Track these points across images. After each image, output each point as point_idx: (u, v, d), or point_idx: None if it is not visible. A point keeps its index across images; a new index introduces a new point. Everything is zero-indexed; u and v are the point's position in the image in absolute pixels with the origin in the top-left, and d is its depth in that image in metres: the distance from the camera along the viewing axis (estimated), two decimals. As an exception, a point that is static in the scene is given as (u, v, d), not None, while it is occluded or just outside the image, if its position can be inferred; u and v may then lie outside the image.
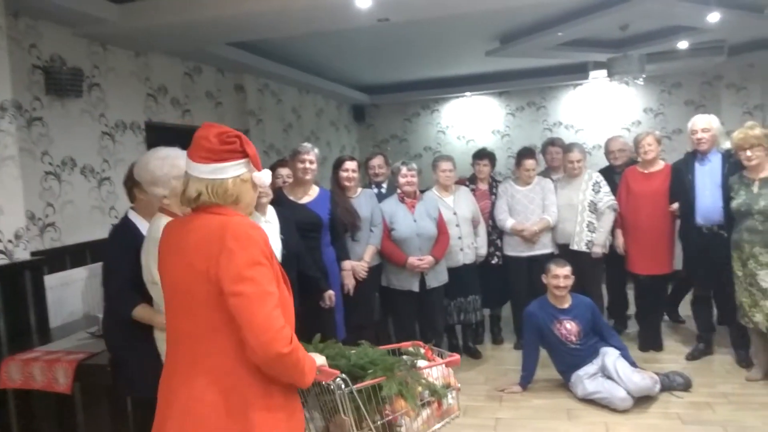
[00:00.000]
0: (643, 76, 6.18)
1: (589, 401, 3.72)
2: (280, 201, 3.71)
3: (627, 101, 8.25)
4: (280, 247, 3.36)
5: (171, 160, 2.33)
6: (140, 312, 2.42)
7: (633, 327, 4.95)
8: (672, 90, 8.04)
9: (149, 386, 2.46)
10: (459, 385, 2.19)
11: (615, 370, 3.66)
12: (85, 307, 3.67)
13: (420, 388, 2.00)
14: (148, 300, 2.39)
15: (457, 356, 2.22)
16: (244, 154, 1.65)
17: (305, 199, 3.83)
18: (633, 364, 3.79)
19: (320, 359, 1.77)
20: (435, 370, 2.10)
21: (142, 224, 2.58)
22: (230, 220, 1.58)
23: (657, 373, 3.81)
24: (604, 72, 6.56)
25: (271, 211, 3.46)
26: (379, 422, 1.90)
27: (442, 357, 2.24)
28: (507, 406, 3.79)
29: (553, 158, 5.14)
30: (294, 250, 3.43)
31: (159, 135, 4.46)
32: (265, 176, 1.70)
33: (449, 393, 2.10)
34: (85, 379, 2.80)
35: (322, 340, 2.19)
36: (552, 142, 5.30)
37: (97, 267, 3.59)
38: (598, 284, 4.70)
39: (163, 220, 2.29)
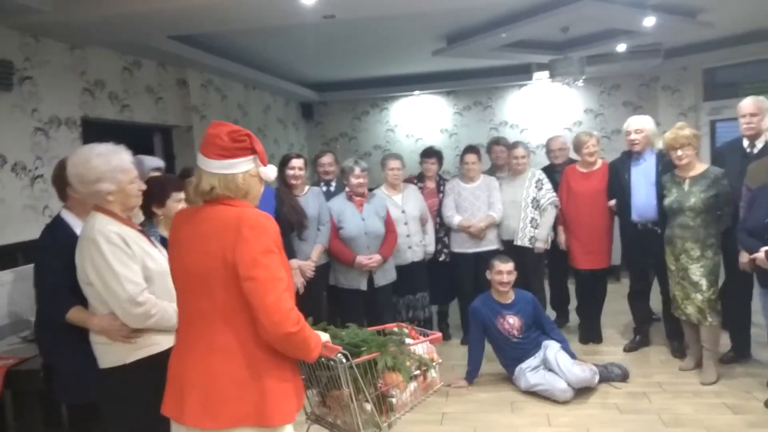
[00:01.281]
0: (584, 77, 6.38)
1: (532, 393, 3.81)
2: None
3: (569, 102, 8.50)
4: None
5: (114, 155, 2.25)
6: (75, 314, 2.32)
7: (574, 320, 5.12)
8: (611, 91, 8.33)
9: (86, 392, 2.39)
10: (440, 360, 2.42)
11: (556, 363, 3.76)
12: (15, 310, 3.49)
13: (410, 362, 2.21)
14: (83, 302, 2.30)
15: (439, 334, 2.48)
16: (253, 151, 1.81)
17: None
18: (573, 356, 3.91)
19: (325, 336, 1.96)
20: (420, 346, 2.31)
21: (76, 223, 2.48)
22: (245, 211, 1.75)
23: (596, 365, 3.94)
24: (546, 73, 6.73)
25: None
26: (373, 394, 2.10)
27: (424, 335, 2.44)
28: (453, 400, 3.84)
29: (498, 157, 5.25)
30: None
31: (96, 131, 4.30)
32: (270, 171, 1.87)
33: (434, 367, 2.33)
34: (16, 385, 2.69)
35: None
36: (497, 141, 5.41)
37: (28, 269, 3.42)
38: (540, 279, 4.83)
39: (99, 218, 2.21)
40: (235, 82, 6.75)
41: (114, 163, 2.23)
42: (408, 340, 2.32)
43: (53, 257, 2.39)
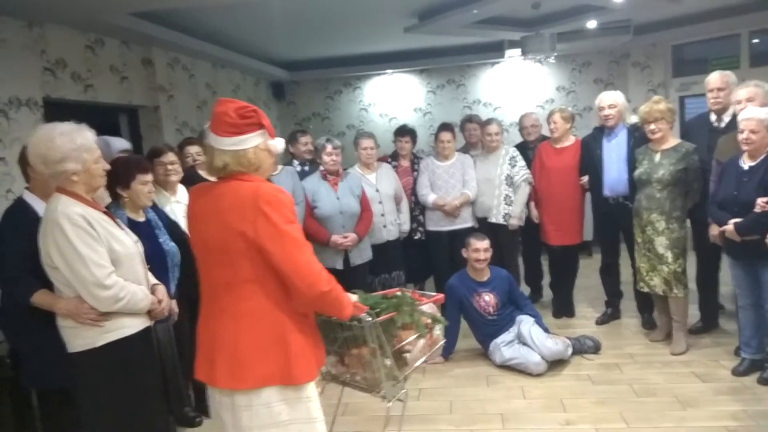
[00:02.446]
0: (555, 54, 6.39)
1: (507, 367, 3.86)
2: (193, 180, 3.56)
3: (541, 80, 8.51)
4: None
5: (78, 134, 2.17)
6: (40, 298, 2.27)
7: (548, 295, 5.19)
8: (582, 69, 8.36)
9: (55, 377, 2.34)
10: (444, 320, 2.67)
11: (530, 337, 3.81)
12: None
13: (425, 318, 2.43)
14: (48, 285, 2.23)
15: (441, 295, 2.69)
16: (261, 126, 1.87)
17: (221, 178, 3.70)
18: (547, 330, 3.96)
19: (354, 297, 2.12)
20: (425, 307, 2.53)
21: (39, 205, 2.41)
22: (260, 186, 1.82)
23: (569, 338, 4.01)
24: (518, 51, 6.72)
25: (181, 190, 3.32)
26: (391, 350, 2.32)
27: (427, 297, 2.64)
28: (430, 376, 3.87)
29: (471, 134, 5.25)
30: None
31: (59, 112, 4.15)
32: (279, 143, 1.94)
33: (438, 325, 2.57)
34: (-19, 373, 2.61)
35: None
36: (470, 119, 5.40)
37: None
38: (514, 255, 4.87)
39: (63, 200, 2.14)
40: (203, 61, 6.58)
41: (78, 142, 2.16)
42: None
43: (16, 240, 2.32)
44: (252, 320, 1.83)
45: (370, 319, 2.19)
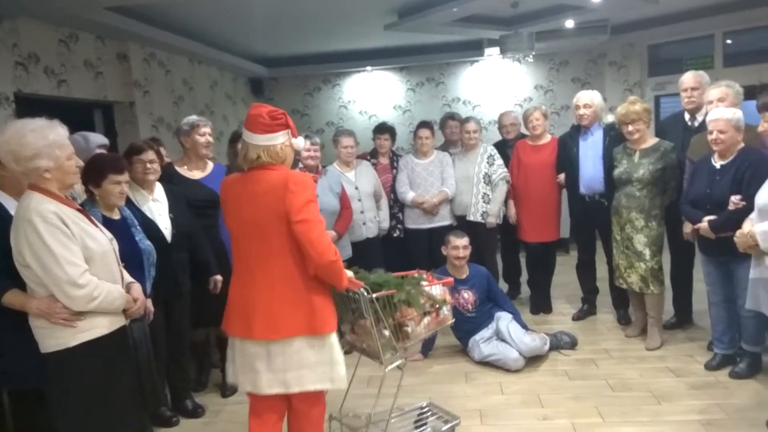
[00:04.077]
0: (533, 53, 6.43)
1: (486, 364, 3.89)
2: (171, 177, 3.52)
3: (519, 78, 8.58)
4: (170, 226, 3.20)
5: (50, 130, 2.12)
6: (12, 298, 2.22)
7: (525, 292, 5.23)
8: (560, 68, 8.44)
9: (27, 377, 2.29)
10: (452, 300, 2.92)
11: (508, 333, 3.85)
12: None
13: (422, 299, 2.67)
14: (20, 284, 2.18)
15: (451, 279, 2.96)
16: (287, 126, 2.30)
17: (199, 175, 3.66)
18: (524, 326, 4.00)
19: (350, 273, 2.45)
20: (434, 288, 2.78)
21: (9, 202, 2.35)
22: (289, 172, 2.27)
23: (546, 334, 4.05)
24: (497, 49, 6.75)
25: (159, 189, 3.27)
26: (391, 323, 2.56)
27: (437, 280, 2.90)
28: (409, 373, 3.83)
29: (453, 132, 5.26)
30: (185, 230, 3.28)
31: (32, 108, 4.06)
32: (300, 142, 2.40)
33: (445, 306, 2.81)
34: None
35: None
36: (452, 116, 5.42)
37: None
38: (493, 253, 4.90)
39: (35, 197, 2.10)
40: (179, 57, 6.50)
41: (51, 138, 2.11)
42: (424, 283, 2.76)
43: (-15, 239, 2.26)
44: (283, 284, 2.24)
45: (365, 294, 2.48)
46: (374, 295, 2.47)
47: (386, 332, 2.56)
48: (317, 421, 2.45)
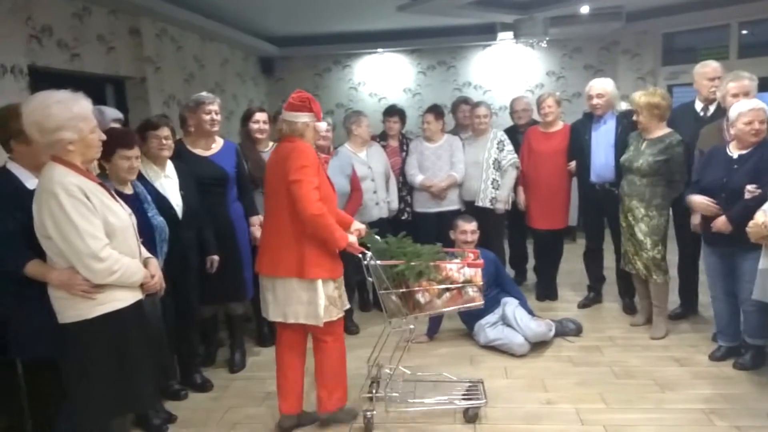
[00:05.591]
0: (547, 39, 6.38)
1: (491, 348, 3.93)
2: (180, 154, 3.53)
3: (531, 64, 8.50)
4: (181, 203, 3.22)
5: (74, 102, 2.13)
6: (33, 268, 2.25)
7: (532, 278, 5.25)
8: (573, 54, 8.36)
9: (43, 345, 2.33)
10: (481, 282, 3.05)
11: (514, 318, 3.87)
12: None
13: (441, 276, 2.92)
14: (41, 255, 2.21)
15: (481, 261, 3.11)
16: (310, 110, 2.81)
17: (208, 152, 3.67)
18: (530, 312, 4.03)
19: (352, 238, 2.84)
20: (466, 270, 3.00)
21: (25, 175, 2.38)
22: (297, 143, 2.77)
23: (552, 320, 4.08)
24: (511, 34, 6.70)
25: (170, 166, 3.29)
26: (401, 291, 2.88)
27: (462, 259, 3.14)
28: (414, 355, 3.91)
29: (464, 116, 5.23)
30: (194, 207, 3.30)
31: (45, 81, 4.07)
32: (321, 125, 2.92)
33: (470, 287, 2.99)
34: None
35: (231, 299, 3.78)
36: (465, 101, 5.39)
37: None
38: (500, 239, 4.91)
39: (58, 170, 2.11)
40: (191, 33, 6.46)
41: (75, 111, 2.12)
42: (448, 260, 3.04)
43: (3, 211, 2.28)
44: (283, 233, 2.76)
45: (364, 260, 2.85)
46: (379, 262, 2.84)
47: (394, 297, 2.88)
48: (330, 352, 2.92)
